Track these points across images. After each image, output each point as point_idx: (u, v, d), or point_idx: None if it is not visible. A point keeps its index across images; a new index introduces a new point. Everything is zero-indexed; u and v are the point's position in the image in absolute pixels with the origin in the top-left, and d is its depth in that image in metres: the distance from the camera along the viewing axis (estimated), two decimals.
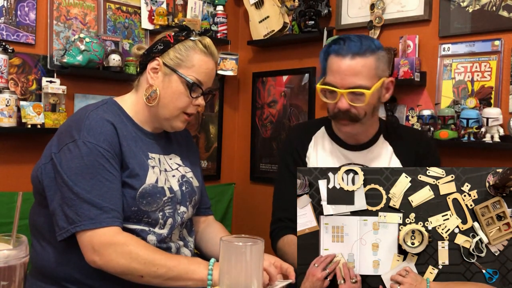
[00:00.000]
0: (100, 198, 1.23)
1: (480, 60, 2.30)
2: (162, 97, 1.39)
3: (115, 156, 1.29)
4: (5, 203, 2.18)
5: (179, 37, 1.41)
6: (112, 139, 1.30)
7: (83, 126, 1.29)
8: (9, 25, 2.28)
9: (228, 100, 3.33)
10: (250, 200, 3.27)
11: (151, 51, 1.42)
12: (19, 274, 0.83)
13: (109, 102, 1.42)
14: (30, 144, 2.33)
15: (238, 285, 0.99)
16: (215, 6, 3.14)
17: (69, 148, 1.27)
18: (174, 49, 1.39)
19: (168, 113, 1.40)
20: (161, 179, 1.38)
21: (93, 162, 1.25)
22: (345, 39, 1.49)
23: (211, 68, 1.42)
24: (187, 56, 1.39)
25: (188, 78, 1.38)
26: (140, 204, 1.32)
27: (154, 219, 1.35)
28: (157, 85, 1.39)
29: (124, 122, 1.39)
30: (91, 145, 1.26)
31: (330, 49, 1.50)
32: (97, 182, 1.24)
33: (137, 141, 1.39)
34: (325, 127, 1.66)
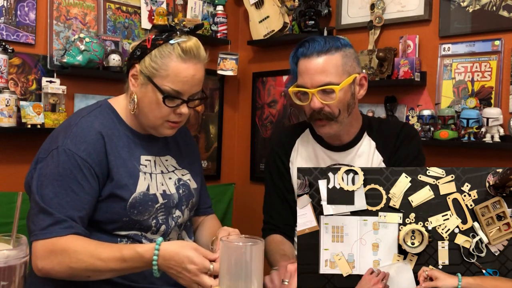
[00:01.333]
0: (57, 208, 1.23)
1: (480, 60, 2.30)
2: (142, 106, 1.35)
3: (93, 167, 1.28)
4: (5, 203, 2.18)
5: (157, 42, 1.32)
6: (95, 149, 1.29)
7: (70, 133, 1.30)
8: (9, 25, 2.28)
9: (228, 100, 3.33)
10: (250, 200, 3.27)
11: (132, 57, 1.37)
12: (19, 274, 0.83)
13: (103, 106, 1.40)
14: (30, 144, 2.33)
15: (238, 285, 0.99)
16: (215, 6, 3.14)
17: (52, 154, 1.29)
18: (150, 56, 1.32)
19: (150, 122, 1.36)
20: (152, 185, 1.36)
21: (66, 171, 1.26)
22: (309, 40, 1.51)
23: (191, 75, 1.31)
24: (162, 65, 1.30)
25: (163, 88, 1.30)
26: (131, 214, 1.31)
27: (147, 226, 1.35)
28: (136, 92, 1.35)
29: (117, 126, 1.37)
30: (70, 153, 1.27)
31: (297, 53, 1.53)
32: (62, 191, 1.25)
33: (130, 145, 1.37)
34: (309, 129, 1.66)
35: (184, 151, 1.54)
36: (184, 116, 1.36)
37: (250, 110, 3.30)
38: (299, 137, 1.67)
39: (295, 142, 1.66)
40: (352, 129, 1.59)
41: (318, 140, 1.63)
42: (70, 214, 1.25)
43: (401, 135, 1.59)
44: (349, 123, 1.57)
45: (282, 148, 1.66)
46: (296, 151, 1.64)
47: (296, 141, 1.66)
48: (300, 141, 1.66)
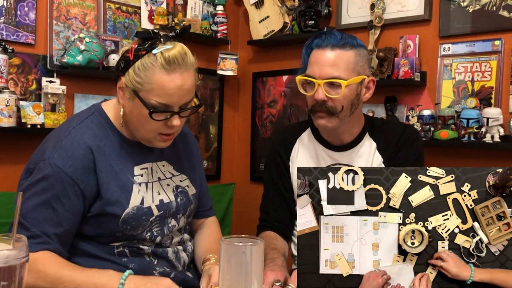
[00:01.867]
0: (33, 223, 1.22)
1: (480, 60, 2.30)
2: (131, 120, 1.29)
3: (78, 184, 1.24)
4: (5, 203, 2.18)
5: (139, 52, 1.23)
6: (83, 165, 1.25)
7: (59, 145, 1.26)
8: (9, 25, 2.28)
9: (228, 100, 3.33)
10: (250, 200, 3.27)
11: (117, 68, 1.29)
12: (19, 274, 0.83)
13: (95, 113, 1.35)
14: (30, 144, 2.32)
15: (238, 285, 0.99)
16: (215, 6, 3.14)
17: (39, 166, 1.26)
18: (133, 68, 1.22)
19: (141, 136, 1.30)
20: (147, 197, 1.32)
21: (49, 186, 1.23)
22: (326, 33, 1.52)
23: (177, 86, 1.22)
24: (146, 78, 1.21)
25: (149, 102, 1.22)
26: (125, 230, 1.29)
27: (141, 239, 1.33)
28: (125, 105, 1.28)
29: (110, 136, 1.32)
30: (56, 169, 1.23)
31: (312, 43, 1.52)
32: (41, 206, 1.22)
33: (123, 155, 1.32)
34: (310, 129, 1.66)
35: (183, 154, 1.49)
36: (177, 127, 1.28)
37: (250, 110, 3.29)
38: (300, 136, 1.66)
39: (296, 141, 1.66)
40: (353, 129, 1.59)
41: (319, 140, 1.62)
42: (45, 230, 1.22)
43: (403, 137, 1.59)
44: (350, 123, 1.56)
45: (283, 147, 1.66)
46: (296, 150, 1.64)
47: (297, 140, 1.66)
48: (300, 140, 1.65)
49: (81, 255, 1.31)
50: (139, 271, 1.30)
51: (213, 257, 1.40)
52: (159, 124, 1.26)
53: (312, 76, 1.48)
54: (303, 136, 1.66)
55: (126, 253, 1.32)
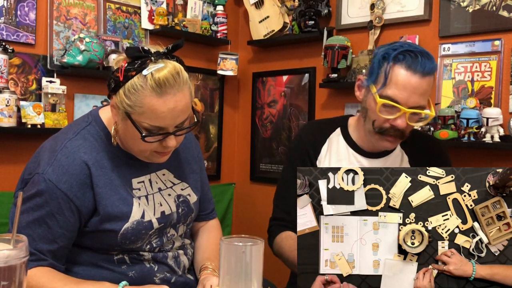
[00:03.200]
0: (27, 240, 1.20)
1: (480, 60, 2.30)
2: (125, 139, 1.25)
3: (73, 201, 1.21)
4: (5, 203, 2.18)
5: (129, 73, 1.15)
6: (78, 181, 1.21)
7: (54, 159, 1.22)
8: (9, 25, 2.28)
9: (228, 100, 3.33)
10: (250, 200, 3.27)
11: (108, 85, 1.22)
12: (19, 274, 0.83)
13: (92, 123, 1.30)
14: (30, 144, 2.33)
15: (238, 285, 0.99)
16: (215, 6, 3.14)
17: (33, 180, 1.22)
18: (123, 89, 1.16)
19: (137, 154, 1.27)
20: (148, 210, 1.29)
21: (43, 202, 1.19)
22: (417, 54, 1.35)
23: (170, 108, 1.15)
24: (136, 101, 1.14)
25: (142, 125, 1.16)
26: (124, 244, 1.27)
27: (140, 250, 1.31)
28: (118, 123, 1.22)
29: (107, 148, 1.27)
30: (50, 185, 1.19)
31: (397, 58, 1.36)
32: (35, 223, 1.20)
33: (121, 167, 1.28)
34: (340, 129, 1.58)
35: (183, 160, 1.44)
36: (172, 147, 1.23)
37: (250, 110, 3.30)
38: (330, 136, 1.58)
39: (326, 141, 1.58)
40: None
41: (349, 142, 1.56)
42: (39, 247, 1.20)
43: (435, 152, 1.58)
44: None
45: (313, 144, 1.58)
46: (325, 150, 1.57)
47: (327, 139, 1.58)
48: (330, 140, 1.57)
49: (80, 264, 1.30)
50: (139, 278, 1.29)
51: (210, 265, 1.37)
52: (154, 145, 1.21)
53: (397, 100, 1.36)
54: (333, 137, 1.58)
55: (125, 260, 1.30)
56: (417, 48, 1.38)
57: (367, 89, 1.45)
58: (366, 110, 1.46)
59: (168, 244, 1.37)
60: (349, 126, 1.59)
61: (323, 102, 2.91)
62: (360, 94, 1.51)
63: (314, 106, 2.95)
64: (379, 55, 1.40)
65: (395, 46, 1.39)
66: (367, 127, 1.47)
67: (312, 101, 2.95)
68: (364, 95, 1.48)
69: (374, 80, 1.41)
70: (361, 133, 1.54)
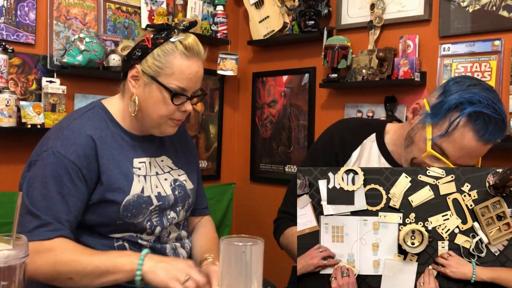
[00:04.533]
0: (44, 210, 1.22)
1: (480, 60, 2.30)
2: (145, 107, 1.33)
3: (81, 170, 1.27)
4: (5, 203, 2.18)
5: (157, 41, 1.31)
6: (84, 151, 1.28)
7: (60, 135, 1.29)
8: (9, 25, 2.28)
9: (228, 100, 3.33)
10: (250, 200, 3.27)
11: (130, 57, 1.35)
12: (19, 274, 0.83)
13: (96, 107, 1.38)
14: (30, 144, 2.32)
15: (238, 285, 0.99)
16: (215, 6, 3.14)
17: (42, 157, 1.28)
18: (152, 55, 1.30)
19: (153, 122, 1.35)
20: (147, 187, 1.35)
21: (53, 173, 1.24)
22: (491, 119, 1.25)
23: (195, 71, 1.32)
24: (166, 63, 1.29)
25: (169, 86, 1.30)
26: (125, 217, 1.30)
27: (141, 228, 1.34)
28: (138, 94, 1.33)
29: (110, 128, 1.35)
30: (59, 156, 1.25)
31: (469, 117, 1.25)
32: (49, 193, 1.24)
33: (123, 147, 1.35)
34: (376, 135, 1.50)
35: (180, 151, 1.52)
36: (188, 112, 1.36)
37: (250, 110, 3.30)
38: (364, 141, 1.50)
39: (359, 146, 1.50)
40: None
41: (383, 152, 1.49)
42: (57, 217, 1.23)
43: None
44: None
45: (344, 147, 1.50)
46: (356, 156, 1.49)
47: (360, 145, 1.50)
48: (364, 146, 1.49)
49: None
50: None
51: (209, 256, 1.40)
52: (173, 109, 1.32)
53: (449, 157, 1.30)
54: (366, 142, 1.49)
55: (125, 247, 1.33)
56: (495, 110, 1.25)
57: (423, 125, 1.33)
58: (411, 141, 1.37)
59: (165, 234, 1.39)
60: (386, 133, 1.51)
61: (323, 102, 2.91)
62: (413, 120, 1.39)
63: (314, 106, 2.95)
64: (453, 101, 1.27)
65: (473, 98, 1.25)
66: (405, 156, 1.40)
67: (312, 101, 2.95)
68: (416, 125, 1.37)
69: (435, 123, 1.30)
70: (397, 147, 1.46)
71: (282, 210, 1.62)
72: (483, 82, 1.33)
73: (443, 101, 1.29)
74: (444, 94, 1.31)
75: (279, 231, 1.60)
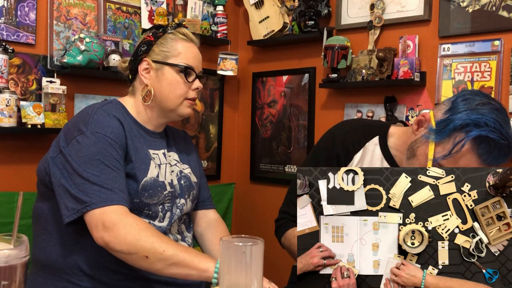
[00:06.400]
0: (109, 182, 1.25)
1: (480, 60, 2.30)
2: (161, 91, 1.45)
3: (121, 147, 1.34)
4: (5, 203, 2.18)
5: (157, 34, 1.49)
6: (118, 131, 1.35)
7: (91, 120, 1.34)
8: (9, 25, 2.28)
9: (228, 100, 3.33)
10: (250, 200, 3.28)
11: (137, 55, 1.49)
12: (20, 274, 0.83)
13: (113, 102, 1.47)
14: (30, 144, 2.33)
15: (238, 285, 0.99)
16: (215, 6, 3.14)
17: (78, 140, 1.30)
18: (157, 45, 1.47)
19: (172, 104, 1.45)
20: (161, 173, 1.43)
21: (101, 150, 1.29)
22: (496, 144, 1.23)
23: (196, 52, 1.50)
24: (172, 47, 1.46)
25: (180, 64, 1.45)
26: (142, 196, 1.35)
27: (155, 211, 1.39)
28: (151, 83, 1.45)
29: (128, 120, 1.44)
30: (99, 135, 1.31)
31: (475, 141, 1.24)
32: (106, 167, 1.27)
33: (140, 138, 1.44)
34: (379, 138, 1.48)
35: (183, 148, 1.62)
36: (198, 92, 1.50)
37: (250, 110, 3.30)
38: (366, 144, 1.48)
39: (361, 148, 1.48)
40: None
41: (386, 155, 1.47)
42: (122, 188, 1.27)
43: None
44: None
45: (346, 149, 1.48)
46: (358, 158, 1.48)
47: (363, 147, 1.48)
48: (366, 149, 1.48)
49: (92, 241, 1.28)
50: None
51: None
52: (186, 88, 1.46)
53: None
54: (369, 145, 1.48)
55: None
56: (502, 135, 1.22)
57: (426, 140, 1.31)
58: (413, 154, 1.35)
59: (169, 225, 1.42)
60: (389, 136, 1.49)
61: (323, 102, 2.91)
62: (417, 131, 1.37)
63: (314, 106, 2.95)
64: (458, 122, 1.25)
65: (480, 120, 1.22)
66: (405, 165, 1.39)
67: (312, 101, 2.95)
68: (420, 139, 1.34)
69: (439, 141, 1.29)
70: (400, 153, 1.45)
71: (283, 211, 1.62)
72: (493, 101, 1.29)
73: (449, 119, 1.27)
74: (451, 111, 1.28)
75: (280, 232, 1.60)
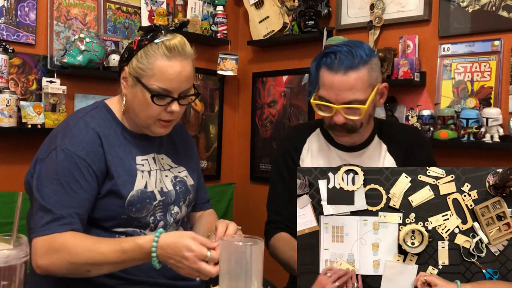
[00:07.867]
0: (56, 206, 1.25)
1: (479, 60, 2.30)
2: (133, 107, 1.37)
3: (91, 165, 1.30)
4: (5, 203, 2.18)
5: (142, 42, 1.34)
6: (93, 148, 1.32)
7: (68, 133, 1.32)
8: (9, 25, 2.28)
9: (228, 100, 3.33)
10: (250, 200, 3.27)
11: (121, 60, 1.40)
12: (19, 274, 0.83)
13: (99, 107, 1.43)
14: (30, 144, 2.33)
15: (238, 285, 0.99)
16: (215, 6, 3.14)
17: (51, 155, 1.31)
18: (136, 57, 1.33)
19: (142, 122, 1.37)
20: (150, 182, 1.38)
21: (64, 170, 1.28)
22: (336, 53, 1.42)
23: (177, 72, 1.31)
24: (148, 64, 1.31)
25: (151, 87, 1.31)
26: (130, 212, 1.33)
27: (145, 223, 1.36)
28: (127, 94, 1.37)
29: (114, 126, 1.39)
30: (68, 153, 1.29)
31: (321, 62, 1.45)
32: (61, 189, 1.27)
33: (126, 145, 1.39)
34: (320, 129, 1.63)
35: (180, 149, 1.56)
36: (176, 114, 1.36)
37: (250, 110, 3.30)
38: (310, 136, 1.63)
39: (306, 140, 1.62)
40: (365, 132, 1.56)
41: (329, 140, 1.59)
42: (68, 212, 1.26)
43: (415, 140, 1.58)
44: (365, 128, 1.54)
45: (294, 145, 1.62)
46: (306, 149, 1.61)
47: (307, 139, 1.63)
48: (311, 140, 1.62)
49: None
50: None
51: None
52: (159, 110, 1.33)
53: (328, 100, 1.43)
54: (312, 136, 1.63)
55: None
56: (338, 48, 1.44)
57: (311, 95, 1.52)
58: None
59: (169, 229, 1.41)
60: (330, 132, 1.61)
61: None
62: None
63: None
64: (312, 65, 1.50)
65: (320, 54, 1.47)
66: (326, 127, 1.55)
67: None
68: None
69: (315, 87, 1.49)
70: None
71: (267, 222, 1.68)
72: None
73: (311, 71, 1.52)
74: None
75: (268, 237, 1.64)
